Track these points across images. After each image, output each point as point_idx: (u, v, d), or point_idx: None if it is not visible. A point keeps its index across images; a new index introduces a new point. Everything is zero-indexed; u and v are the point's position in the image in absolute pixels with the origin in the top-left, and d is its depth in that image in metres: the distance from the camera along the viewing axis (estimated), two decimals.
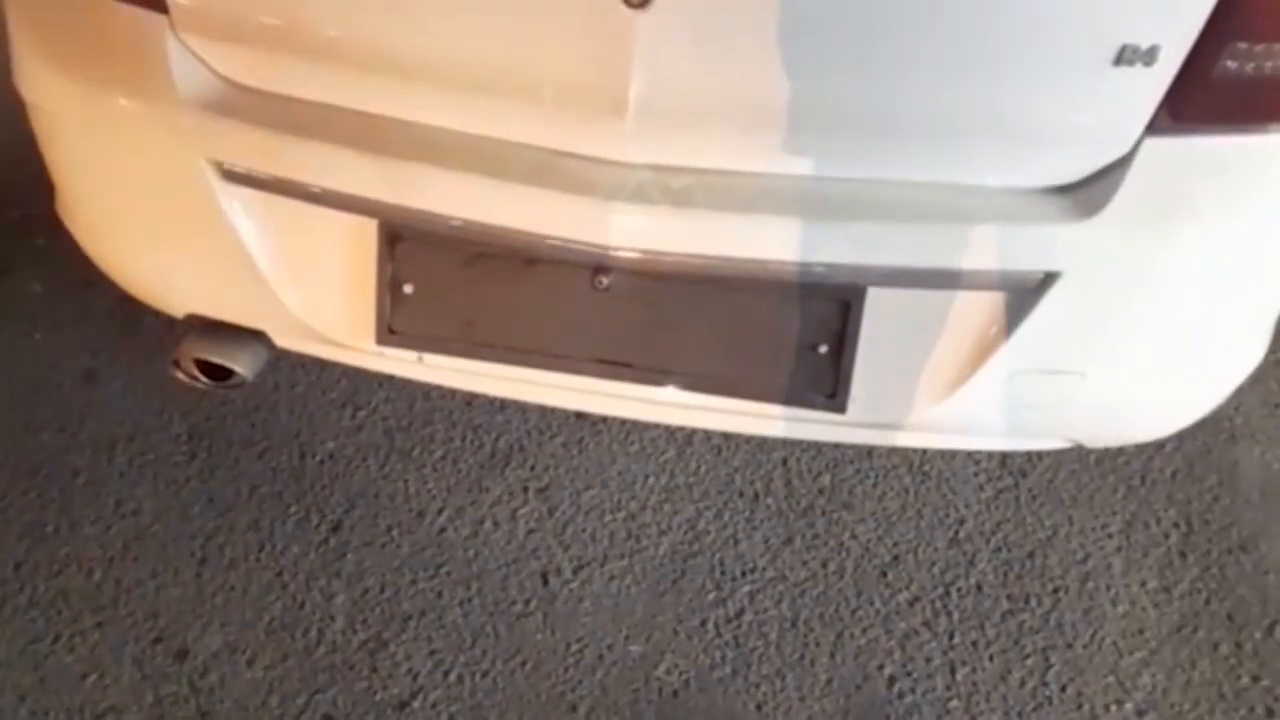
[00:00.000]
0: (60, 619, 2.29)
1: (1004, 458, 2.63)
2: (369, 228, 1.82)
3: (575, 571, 2.41)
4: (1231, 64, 1.60)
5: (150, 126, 1.82)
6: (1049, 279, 1.74)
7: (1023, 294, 1.76)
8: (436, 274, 1.85)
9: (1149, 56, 1.58)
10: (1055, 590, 2.44)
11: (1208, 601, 2.44)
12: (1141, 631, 2.38)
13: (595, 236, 1.73)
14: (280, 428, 2.60)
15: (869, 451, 2.62)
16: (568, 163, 1.73)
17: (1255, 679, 2.33)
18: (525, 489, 2.53)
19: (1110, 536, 2.53)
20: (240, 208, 1.83)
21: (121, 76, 1.80)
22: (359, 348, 1.93)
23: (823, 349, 1.83)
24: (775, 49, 1.61)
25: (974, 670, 2.32)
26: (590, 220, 1.72)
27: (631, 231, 1.72)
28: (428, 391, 2.64)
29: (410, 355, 1.93)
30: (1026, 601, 2.42)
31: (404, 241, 1.82)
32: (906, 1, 1.56)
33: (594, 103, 1.67)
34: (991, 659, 2.33)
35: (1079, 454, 2.63)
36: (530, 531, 2.47)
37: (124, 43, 1.77)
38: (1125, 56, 1.58)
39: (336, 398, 2.65)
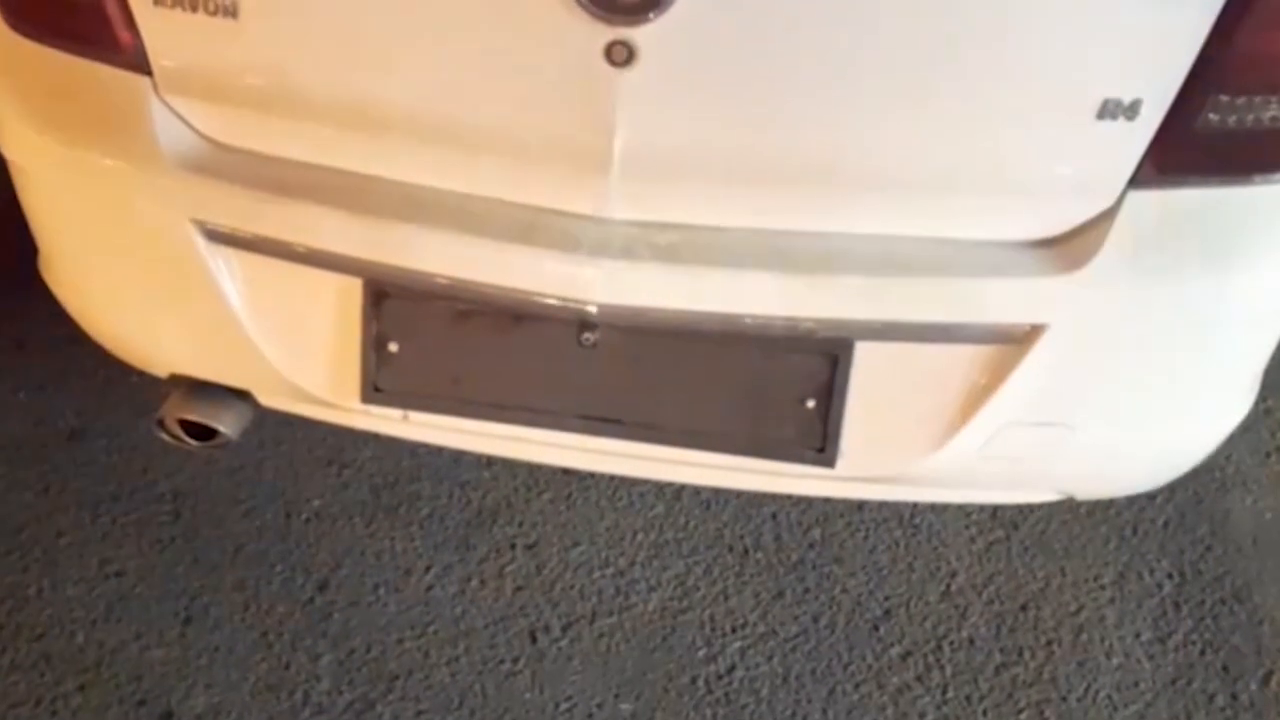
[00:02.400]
0: (43, 682, 2.27)
1: (995, 510, 2.62)
2: (354, 286, 1.81)
3: (564, 629, 2.40)
4: (1214, 117, 1.61)
5: (134, 187, 1.81)
6: (1036, 331, 1.74)
7: (1010, 347, 1.76)
8: (422, 332, 1.85)
9: (1131, 110, 1.59)
10: (1049, 643, 2.42)
11: (1202, 652, 2.42)
12: (1136, 684, 2.37)
13: (581, 293, 1.73)
14: (265, 486, 2.58)
15: (859, 505, 2.61)
16: (553, 220, 1.73)
17: None
18: (513, 546, 2.52)
19: (1103, 588, 2.51)
20: (225, 267, 1.83)
21: (105, 137, 1.80)
22: (344, 406, 1.92)
23: (811, 403, 1.82)
24: (759, 106, 1.61)
25: None
26: (575, 277, 1.72)
27: (617, 288, 1.72)
28: (414, 449, 2.63)
29: (396, 413, 1.92)
30: (1020, 654, 2.40)
31: (389, 300, 1.81)
32: (890, 58, 1.57)
33: (578, 160, 1.68)
34: (985, 713, 2.32)
35: (1070, 506, 2.62)
36: (518, 589, 2.45)
37: (108, 104, 1.77)
38: (1108, 110, 1.58)
39: (322, 456, 2.64)
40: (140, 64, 1.72)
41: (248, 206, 1.78)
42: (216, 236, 1.80)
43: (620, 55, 1.55)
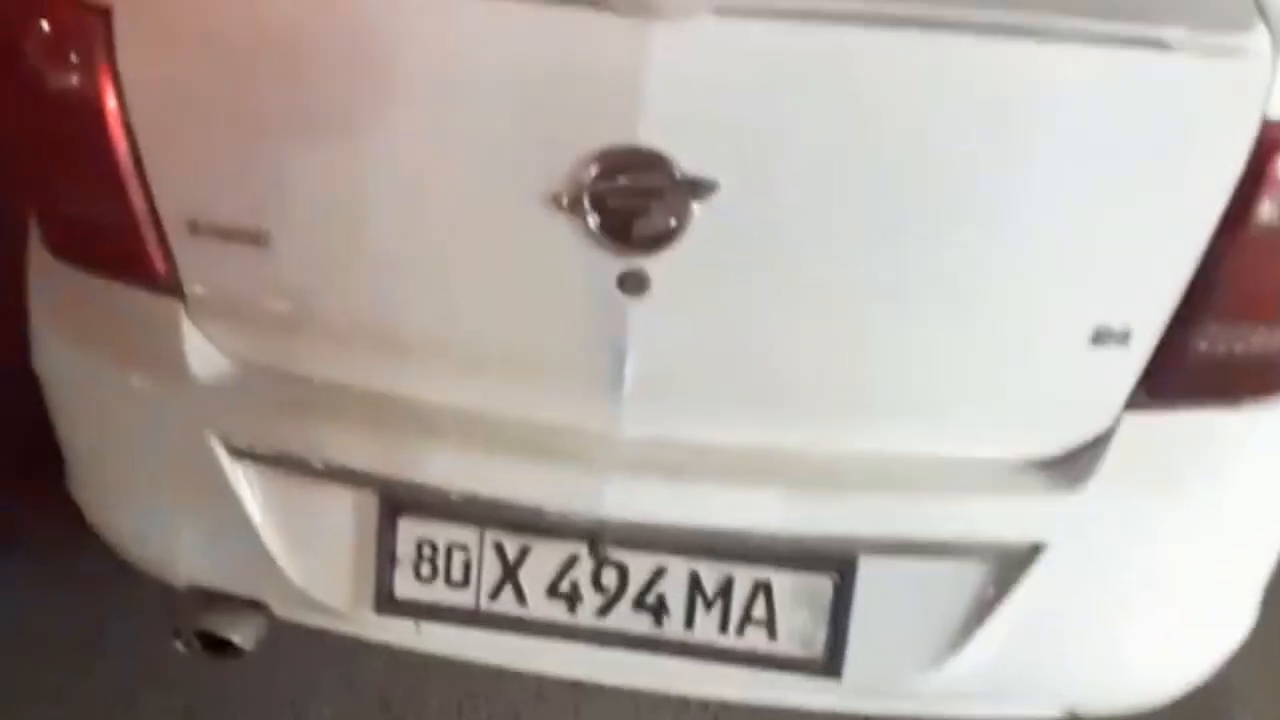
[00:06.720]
0: None
1: None
2: (370, 500, 1.86)
3: None
4: (1203, 344, 1.67)
5: (162, 404, 1.88)
6: (1036, 549, 1.77)
7: (1011, 563, 1.79)
8: (436, 545, 1.88)
9: (1124, 338, 1.65)
10: None
11: None
12: None
13: (591, 509, 1.76)
14: (277, 697, 2.57)
15: (865, 719, 2.59)
16: (564, 437, 1.78)
17: None
18: None
19: None
20: (245, 482, 1.88)
21: (137, 357, 1.88)
22: (358, 618, 1.95)
23: (817, 618, 1.84)
24: (766, 332, 1.68)
25: None
26: (585, 493, 1.76)
27: (626, 504, 1.76)
28: (425, 659, 2.63)
29: (409, 625, 1.94)
30: None
31: (404, 514, 1.85)
32: (891, 290, 1.64)
33: (591, 381, 1.74)
34: None
35: None
36: None
37: (140, 325, 1.86)
38: (1101, 337, 1.65)
39: (334, 666, 2.62)
40: (174, 289, 1.81)
41: (270, 423, 1.85)
42: (239, 452, 1.86)
43: (633, 285, 1.63)
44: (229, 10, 1.71)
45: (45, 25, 1.83)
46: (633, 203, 1.60)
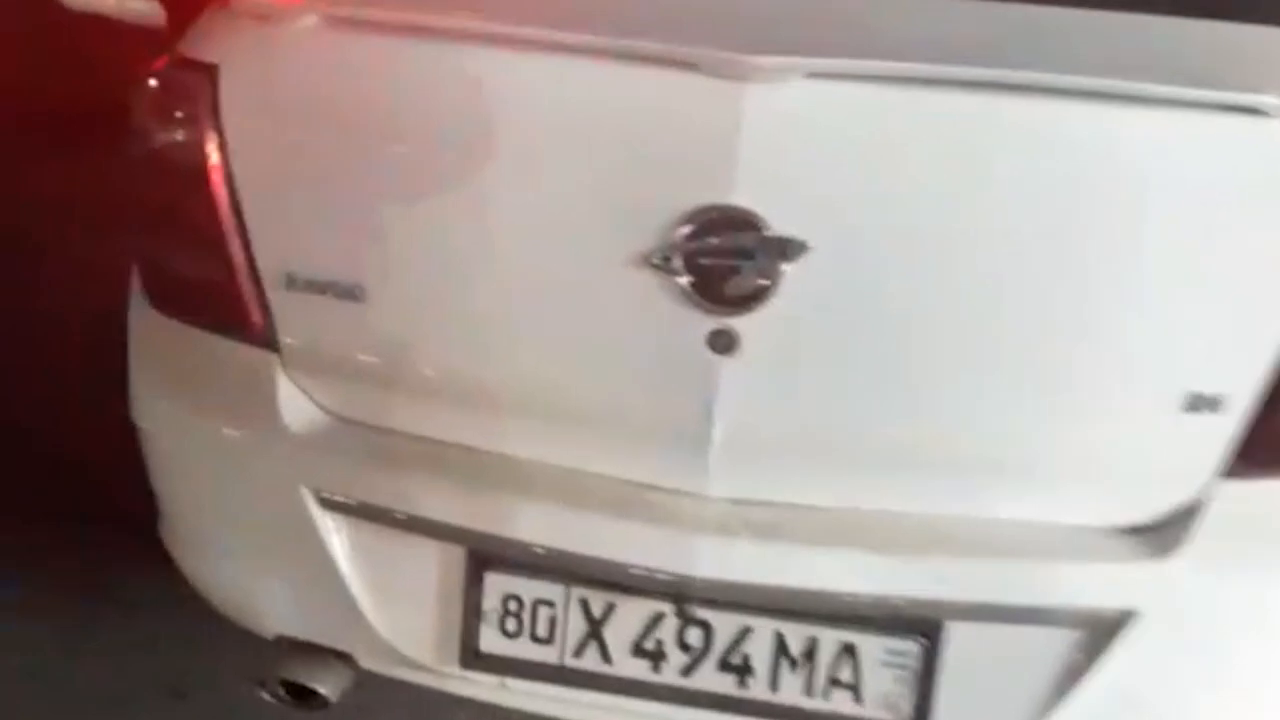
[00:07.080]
0: None
1: None
2: (457, 554, 1.87)
3: None
4: None
5: (256, 455, 1.92)
6: (1126, 617, 1.75)
7: (1101, 631, 1.77)
8: (522, 600, 1.89)
9: (1216, 404, 1.64)
10: None
11: None
12: None
13: (677, 567, 1.76)
14: None
15: None
16: (652, 495, 1.79)
17: None
18: None
19: None
20: (335, 534, 1.90)
21: (232, 408, 1.92)
22: (444, 671, 1.96)
23: (903, 681, 1.83)
24: (856, 394, 1.69)
25: None
26: (672, 552, 1.77)
27: (714, 563, 1.76)
28: (508, 715, 2.63)
29: (493, 680, 1.95)
30: None
31: (491, 568, 1.87)
32: (983, 351, 1.65)
33: (679, 440, 1.75)
34: None
35: None
36: None
37: (236, 377, 1.89)
38: (1194, 404, 1.63)
39: (415, 717, 2.65)
40: (269, 342, 1.85)
41: (361, 476, 1.87)
42: (329, 504, 1.88)
43: (723, 344, 1.64)
44: (330, 70, 1.76)
45: (152, 81, 1.89)
46: (724, 262, 1.62)
